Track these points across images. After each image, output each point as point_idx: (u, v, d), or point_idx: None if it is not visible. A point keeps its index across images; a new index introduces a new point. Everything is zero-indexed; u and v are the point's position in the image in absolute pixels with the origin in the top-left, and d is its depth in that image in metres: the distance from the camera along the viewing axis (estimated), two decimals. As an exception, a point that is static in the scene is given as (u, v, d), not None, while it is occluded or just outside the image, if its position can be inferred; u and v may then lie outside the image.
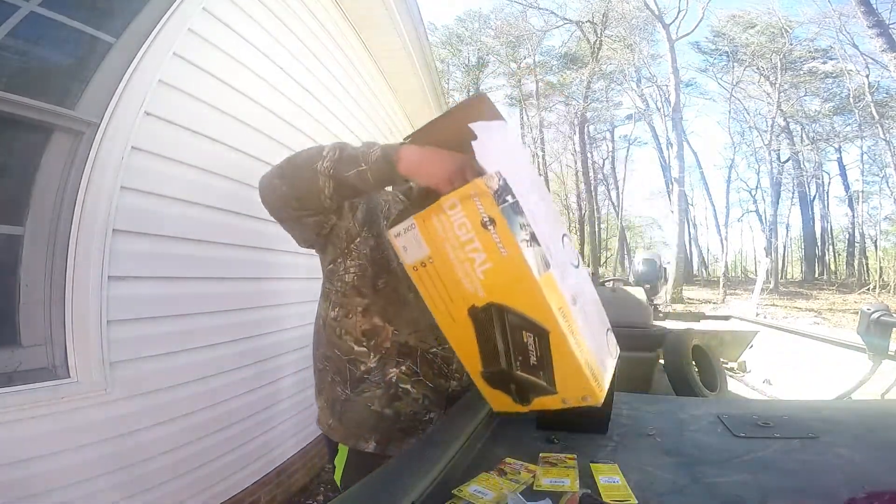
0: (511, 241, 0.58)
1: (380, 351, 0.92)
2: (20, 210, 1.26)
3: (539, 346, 0.60)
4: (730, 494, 0.59)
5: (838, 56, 15.74)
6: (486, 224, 0.58)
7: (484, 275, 0.60)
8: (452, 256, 0.61)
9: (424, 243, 0.62)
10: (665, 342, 2.81)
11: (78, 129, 1.33)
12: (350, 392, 0.94)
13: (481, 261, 0.60)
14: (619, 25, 18.42)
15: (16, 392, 1.16)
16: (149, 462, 1.54)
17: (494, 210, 0.58)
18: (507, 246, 0.58)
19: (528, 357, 0.61)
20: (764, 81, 17.35)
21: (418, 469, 0.59)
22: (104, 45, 1.41)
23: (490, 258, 0.59)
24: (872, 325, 1.96)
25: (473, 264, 0.60)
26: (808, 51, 16.61)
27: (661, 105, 18.77)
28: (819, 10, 15.25)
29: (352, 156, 0.75)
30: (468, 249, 0.60)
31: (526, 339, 0.61)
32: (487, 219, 0.58)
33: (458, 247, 0.60)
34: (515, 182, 0.61)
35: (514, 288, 0.59)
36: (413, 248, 0.63)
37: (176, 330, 1.66)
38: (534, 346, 0.61)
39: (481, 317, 0.62)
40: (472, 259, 0.60)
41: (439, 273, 0.62)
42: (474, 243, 0.59)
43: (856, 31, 14.12)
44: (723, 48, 18.01)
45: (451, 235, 0.60)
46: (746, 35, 17.23)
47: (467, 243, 0.60)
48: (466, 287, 0.61)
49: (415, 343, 0.94)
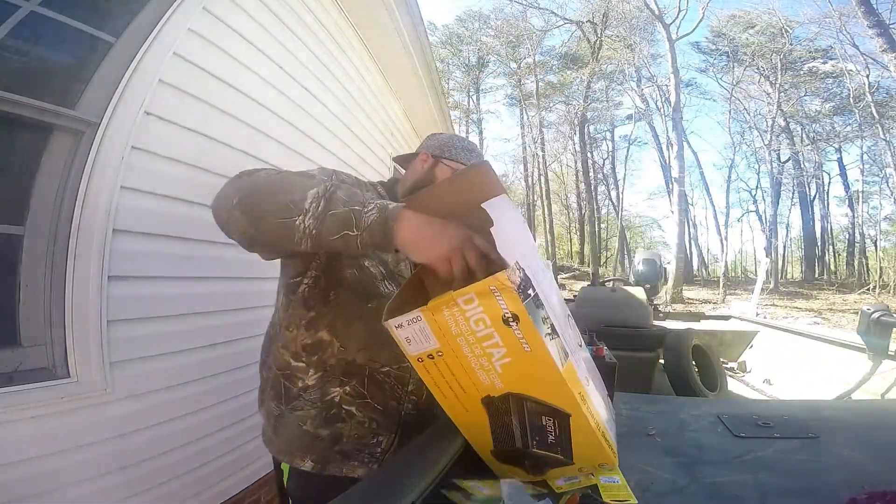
0: (535, 337, 0.55)
1: (322, 367, 0.85)
2: (20, 210, 1.25)
3: (558, 427, 0.60)
4: (730, 494, 0.60)
5: (838, 56, 15.74)
6: (509, 320, 0.55)
7: (502, 368, 0.57)
8: (467, 351, 0.58)
9: (433, 337, 0.58)
10: (665, 342, 2.81)
11: (78, 129, 1.33)
12: (284, 408, 0.87)
13: (500, 355, 0.57)
14: (619, 25, 18.43)
15: (16, 392, 1.16)
16: (149, 462, 1.54)
17: (518, 306, 0.54)
18: (531, 343, 0.55)
19: (545, 437, 0.60)
20: (764, 81, 17.36)
21: (418, 469, 0.59)
22: (104, 45, 1.41)
23: (510, 353, 0.56)
24: (872, 325, 1.96)
25: (491, 359, 0.57)
26: (808, 51, 16.61)
27: (661, 105, 18.77)
28: (819, 10, 15.26)
29: (341, 217, 0.62)
30: (485, 345, 0.57)
31: (545, 422, 0.60)
32: (511, 315, 0.54)
33: (474, 342, 0.57)
34: (530, 267, 0.57)
35: (535, 379, 0.58)
36: (419, 341, 0.59)
37: (176, 330, 1.65)
38: (553, 427, 0.60)
39: (497, 405, 0.60)
40: (489, 354, 0.57)
41: (449, 366, 0.59)
42: (493, 339, 0.56)
43: (856, 31, 14.13)
44: (723, 48, 18.02)
45: (465, 330, 0.57)
46: (746, 35, 17.23)
47: (485, 339, 0.56)
48: (482, 379, 0.59)
49: (363, 361, 0.85)
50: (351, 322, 0.84)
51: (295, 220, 0.63)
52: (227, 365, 1.91)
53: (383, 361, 0.86)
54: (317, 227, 0.63)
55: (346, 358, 0.85)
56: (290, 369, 0.86)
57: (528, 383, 0.58)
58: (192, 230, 1.71)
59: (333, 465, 0.85)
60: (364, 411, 0.85)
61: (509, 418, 0.60)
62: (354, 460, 0.85)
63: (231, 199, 0.68)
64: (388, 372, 0.86)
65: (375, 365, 0.85)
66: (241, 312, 2.00)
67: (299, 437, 0.85)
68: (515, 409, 0.59)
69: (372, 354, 0.85)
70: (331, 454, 0.85)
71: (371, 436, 0.86)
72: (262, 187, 0.67)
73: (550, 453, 0.61)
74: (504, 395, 0.59)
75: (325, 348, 0.84)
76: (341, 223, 0.62)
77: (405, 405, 0.88)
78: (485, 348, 0.57)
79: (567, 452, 0.61)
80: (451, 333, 0.57)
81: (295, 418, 0.86)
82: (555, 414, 0.59)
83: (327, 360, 0.85)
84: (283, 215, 0.63)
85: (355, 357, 0.85)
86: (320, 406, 0.85)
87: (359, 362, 0.85)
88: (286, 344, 0.86)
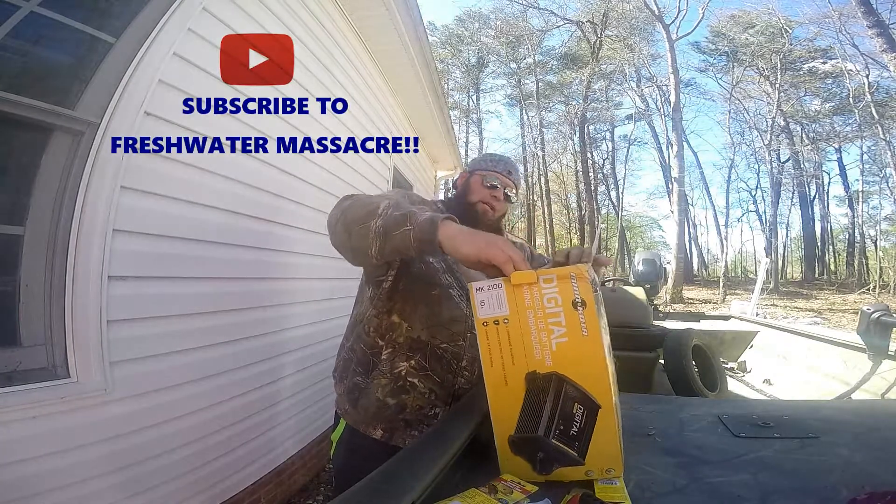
0: (595, 324, 0.63)
1: (393, 345, 1.01)
2: (20, 210, 1.26)
3: (585, 418, 0.64)
4: (730, 494, 0.59)
5: (838, 56, 15.74)
6: (577, 304, 0.63)
7: (557, 347, 0.64)
8: (532, 323, 0.65)
9: (506, 304, 0.65)
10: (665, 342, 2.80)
11: (78, 129, 1.33)
12: (368, 380, 1.02)
13: (559, 334, 0.64)
14: (619, 25, 18.43)
15: (16, 392, 1.16)
16: (149, 462, 1.54)
17: (589, 295, 0.63)
18: (590, 328, 0.63)
19: (569, 427, 0.64)
20: (764, 81, 17.36)
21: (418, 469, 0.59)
22: (104, 45, 1.41)
23: (569, 334, 0.63)
24: (872, 325, 1.96)
25: (550, 335, 0.64)
26: (808, 51, 16.61)
27: (661, 105, 18.77)
28: (819, 10, 15.27)
29: (402, 215, 0.77)
30: (550, 321, 0.64)
31: (576, 410, 0.64)
32: (580, 301, 0.63)
33: (542, 317, 0.64)
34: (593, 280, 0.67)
35: (582, 364, 0.64)
36: (491, 306, 0.66)
37: (176, 330, 1.65)
38: (580, 418, 0.64)
39: (539, 382, 0.65)
40: (550, 330, 0.64)
41: (510, 334, 0.65)
42: (559, 318, 0.64)
43: (856, 31, 14.14)
44: (722, 48, 18.02)
45: (536, 304, 0.64)
46: (746, 35, 17.23)
47: (551, 316, 0.64)
48: (535, 353, 0.65)
49: (426, 338, 1.01)
50: (417, 306, 1.00)
51: (370, 223, 0.79)
52: (227, 365, 1.91)
53: (442, 338, 1.01)
54: (384, 226, 0.78)
55: (412, 336, 1.01)
56: (377, 347, 1.03)
57: (574, 369, 0.64)
58: (192, 230, 1.72)
59: (398, 434, 1.00)
60: (425, 383, 1.01)
61: (544, 398, 0.64)
62: (415, 429, 1.00)
63: (336, 216, 0.87)
64: (445, 348, 1.01)
65: (436, 341, 1.01)
66: (242, 312, 2.00)
67: (374, 406, 1.00)
68: (555, 388, 0.64)
69: (433, 332, 1.01)
70: (397, 422, 1.00)
71: (430, 406, 1.01)
72: (355, 206, 0.85)
73: (567, 448, 0.63)
74: (549, 374, 0.64)
75: (395, 329, 1.01)
76: (401, 221, 0.77)
77: (459, 378, 1.03)
78: (548, 324, 0.64)
79: (583, 450, 0.64)
80: (524, 305, 0.65)
81: (373, 388, 1.01)
82: (587, 403, 0.64)
83: (397, 339, 1.01)
84: (363, 222, 0.80)
85: (420, 334, 1.01)
86: (390, 377, 1.00)
87: (422, 339, 1.01)
88: (376, 327, 1.03)
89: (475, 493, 0.59)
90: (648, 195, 26.46)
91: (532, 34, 20.31)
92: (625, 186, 21.78)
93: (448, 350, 1.02)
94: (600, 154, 22.87)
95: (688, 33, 17.31)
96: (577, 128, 20.62)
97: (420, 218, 0.75)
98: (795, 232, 22.38)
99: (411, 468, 0.59)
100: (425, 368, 1.01)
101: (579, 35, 19.87)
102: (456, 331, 1.02)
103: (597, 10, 18.46)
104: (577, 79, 20.25)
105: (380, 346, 1.02)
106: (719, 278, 16.55)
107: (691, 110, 20.61)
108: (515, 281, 0.65)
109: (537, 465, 0.65)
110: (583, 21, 18.80)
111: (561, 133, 21.59)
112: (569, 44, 20.95)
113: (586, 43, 19.62)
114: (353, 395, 1.04)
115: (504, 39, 20.91)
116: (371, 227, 0.79)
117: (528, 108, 21.67)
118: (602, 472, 0.64)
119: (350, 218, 0.84)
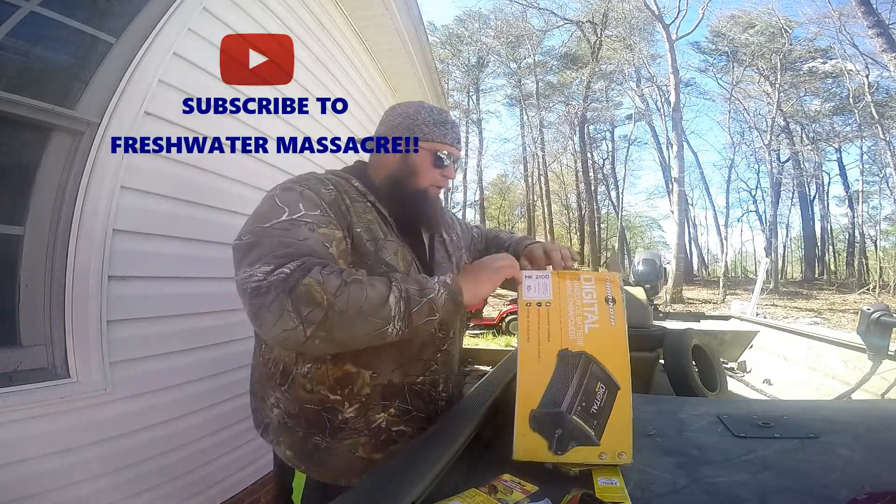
0: (622, 318, 0.78)
1: (358, 399, 0.85)
2: (20, 210, 1.25)
3: (606, 397, 0.72)
4: (730, 494, 0.59)
5: (838, 56, 15.74)
6: (609, 300, 0.79)
7: (589, 331, 0.76)
8: (571, 308, 0.78)
9: (551, 291, 0.80)
10: (665, 342, 2.80)
11: (78, 129, 1.33)
12: (330, 440, 0.86)
13: (592, 321, 0.77)
14: (619, 25, 18.41)
15: (16, 392, 1.16)
16: (149, 462, 1.54)
17: (619, 294, 0.79)
18: (617, 321, 0.77)
19: (591, 404, 0.71)
20: (764, 81, 17.36)
21: (418, 469, 0.59)
22: (104, 45, 1.41)
23: (600, 322, 0.77)
24: (872, 325, 1.96)
25: (584, 321, 0.77)
26: (808, 51, 16.61)
27: (661, 105, 18.76)
28: (819, 10, 15.27)
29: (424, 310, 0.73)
30: (585, 310, 0.78)
31: (598, 388, 0.72)
32: (612, 298, 0.79)
33: (580, 305, 0.78)
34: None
35: (608, 348, 0.75)
36: (538, 291, 0.80)
37: (176, 330, 1.65)
38: (601, 396, 0.72)
39: (569, 359, 0.74)
40: (585, 316, 0.77)
41: (550, 315, 0.78)
42: (592, 308, 0.78)
43: (856, 31, 14.14)
44: (722, 48, 18.01)
45: (576, 295, 0.79)
46: (746, 35, 17.23)
47: (587, 306, 0.78)
48: (570, 333, 0.76)
49: (399, 380, 0.87)
50: (379, 349, 0.82)
51: (386, 328, 0.70)
52: (227, 365, 1.90)
53: (417, 373, 0.90)
54: (407, 326, 0.72)
55: (381, 382, 0.86)
56: (329, 402, 0.85)
57: (601, 351, 0.75)
58: (191, 230, 1.71)
59: None
60: (412, 424, 0.90)
61: (572, 374, 0.73)
62: None
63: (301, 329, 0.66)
64: (422, 381, 0.91)
65: (410, 379, 0.89)
66: (242, 312, 1.98)
67: (355, 463, 0.86)
68: (582, 366, 0.74)
69: (406, 370, 0.89)
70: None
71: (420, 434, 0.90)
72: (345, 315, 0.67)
73: (585, 425, 0.70)
74: (579, 352, 0.74)
75: (353, 381, 0.85)
76: (425, 314, 0.74)
77: (440, 403, 0.94)
78: (584, 312, 0.78)
79: (600, 428, 0.70)
80: (566, 294, 0.79)
81: (345, 447, 0.86)
82: (609, 383, 0.73)
83: (360, 391, 0.85)
84: (374, 331, 0.70)
85: (390, 378, 0.87)
86: (368, 434, 0.86)
87: (395, 382, 0.87)
88: (321, 380, 0.85)
89: (475, 493, 0.59)
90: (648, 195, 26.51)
91: (532, 34, 20.30)
92: (625, 186, 21.80)
93: (426, 381, 0.90)
94: (600, 154, 22.89)
95: (688, 33, 17.33)
96: (577, 128, 20.60)
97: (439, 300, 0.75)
98: (795, 232, 22.40)
99: (411, 468, 0.59)
100: (408, 411, 0.88)
101: (579, 35, 19.86)
102: (428, 357, 0.91)
103: (597, 10, 18.45)
104: (577, 79, 20.25)
105: (333, 400, 0.85)
106: (719, 278, 16.55)
107: (691, 110, 20.61)
108: (560, 272, 0.84)
109: (554, 442, 0.69)
110: (583, 21, 18.79)
111: (561, 133, 21.59)
112: (569, 44, 20.94)
113: (586, 43, 19.61)
114: (313, 456, 0.87)
115: (504, 39, 20.90)
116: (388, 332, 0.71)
117: (528, 108, 21.66)
118: (615, 455, 0.67)
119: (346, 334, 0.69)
